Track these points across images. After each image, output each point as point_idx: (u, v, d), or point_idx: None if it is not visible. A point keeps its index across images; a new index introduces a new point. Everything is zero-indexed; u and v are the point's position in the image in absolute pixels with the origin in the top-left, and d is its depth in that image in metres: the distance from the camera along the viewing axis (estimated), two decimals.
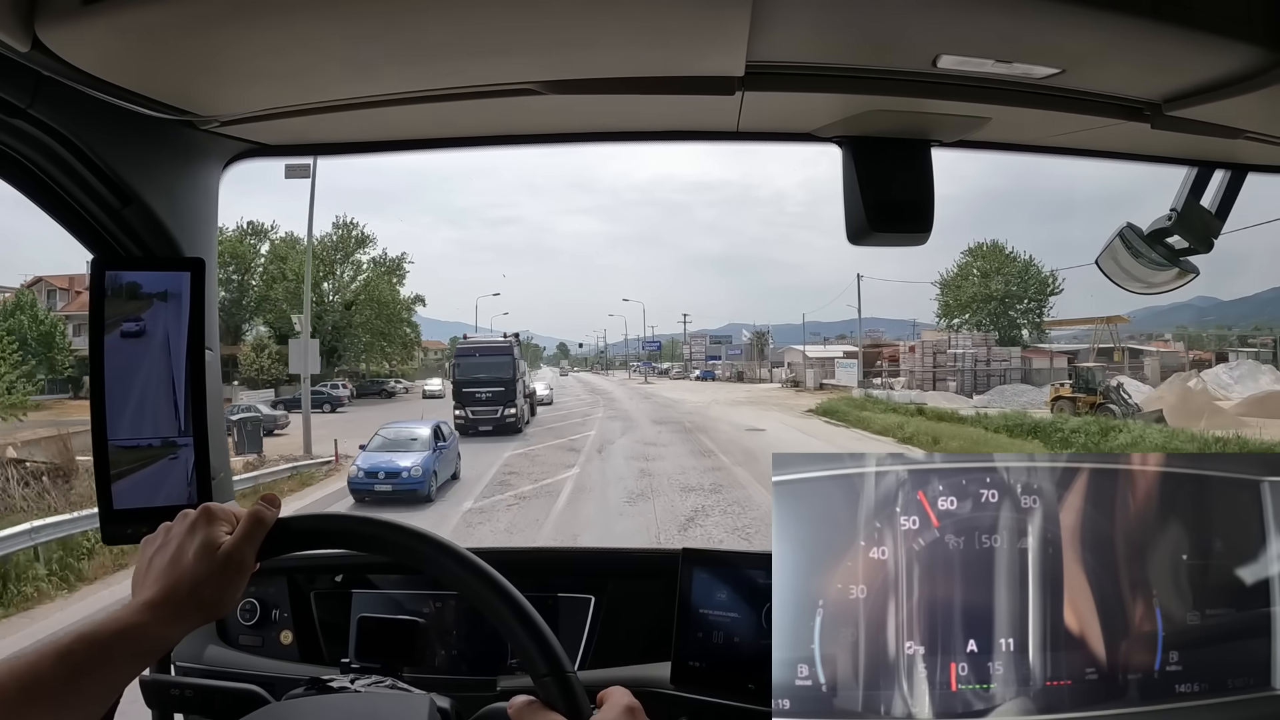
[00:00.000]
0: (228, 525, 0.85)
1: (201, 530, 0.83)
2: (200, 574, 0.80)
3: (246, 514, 0.86)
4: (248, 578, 0.84)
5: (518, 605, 0.84)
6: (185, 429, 1.15)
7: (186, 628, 0.80)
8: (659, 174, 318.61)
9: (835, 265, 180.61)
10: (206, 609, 0.81)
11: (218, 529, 0.84)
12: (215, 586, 0.81)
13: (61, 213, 1.19)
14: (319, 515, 0.90)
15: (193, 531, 0.83)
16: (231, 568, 0.82)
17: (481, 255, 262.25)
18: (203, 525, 0.83)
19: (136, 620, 0.77)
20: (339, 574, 1.61)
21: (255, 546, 0.84)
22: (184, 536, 0.83)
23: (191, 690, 1.24)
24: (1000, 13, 0.86)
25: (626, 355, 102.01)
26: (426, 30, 0.88)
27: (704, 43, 0.93)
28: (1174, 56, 0.96)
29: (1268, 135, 1.20)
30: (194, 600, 0.80)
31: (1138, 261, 1.47)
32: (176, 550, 0.82)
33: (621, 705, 0.80)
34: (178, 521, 0.85)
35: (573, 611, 1.55)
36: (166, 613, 0.78)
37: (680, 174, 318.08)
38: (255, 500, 0.88)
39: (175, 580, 0.80)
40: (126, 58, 0.92)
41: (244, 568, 0.83)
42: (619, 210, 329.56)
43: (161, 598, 0.79)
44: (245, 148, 1.29)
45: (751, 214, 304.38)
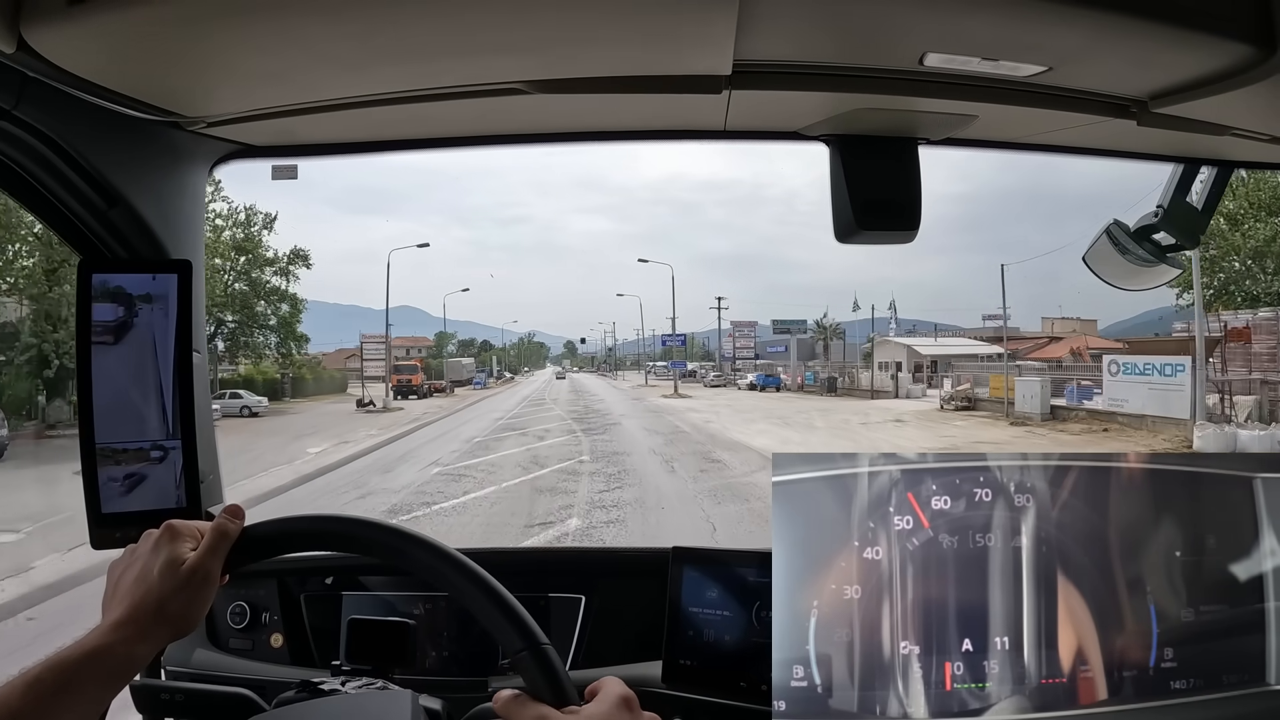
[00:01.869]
0: (192, 541, 0.85)
1: (165, 547, 0.83)
2: (165, 590, 0.80)
3: (210, 527, 0.86)
4: (214, 591, 0.84)
5: (488, 585, 0.83)
6: (174, 431, 1.14)
7: (154, 645, 0.80)
8: (671, 172, 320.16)
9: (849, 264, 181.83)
10: (173, 625, 0.81)
11: (182, 545, 0.83)
12: (181, 602, 0.81)
13: (47, 215, 1.18)
14: (282, 519, 0.90)
15: (157, 549, 0.83)
16: (196, 582, 0.82)
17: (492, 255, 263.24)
18: (166, 542, 0.83)
19: (103, 642, 0.76)
20: (329, 576, 1.61)
21: (220, 559, 0.84)
22: (149, 555, 0.83)
23: (182, 694, 1.23)
24: (986, 11, 0.86)
25: (640, 354, 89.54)
26: (412, 30, 0.88)
27: (691, 42, 0.93)
28: (1160, 54, 0.96)
29: (1253, 132, 1.21)
30: (160, 617, 0.80)
31: (1124, 258, 1.48)
32: (142, 569, 0.82)
33: (616, 695, 0.80)
34: (142, 541, 0.85)
35: (563, 611, 1.55)
36: (132, 631, 0.78)
37: (692, 173, 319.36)
38: None
39: (141, 598, 0.80)
40: (113, 59, 0.91)
41: (209, 581, 0.83)
42: (630, 209, 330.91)
43: (127, 616, 0.79)
44: (232, 148, 1.29)
45: (763, 213, 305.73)
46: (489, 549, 1.60)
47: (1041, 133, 1.29)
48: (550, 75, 1.01)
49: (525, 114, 1.20)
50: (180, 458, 1.14)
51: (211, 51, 0.92)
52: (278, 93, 1.06)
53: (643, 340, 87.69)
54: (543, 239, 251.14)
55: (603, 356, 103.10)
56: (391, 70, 1.00)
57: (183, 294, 1.13)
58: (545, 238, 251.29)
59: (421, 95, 1.07)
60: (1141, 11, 0.85)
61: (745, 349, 62.01)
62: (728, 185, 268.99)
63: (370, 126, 1.24)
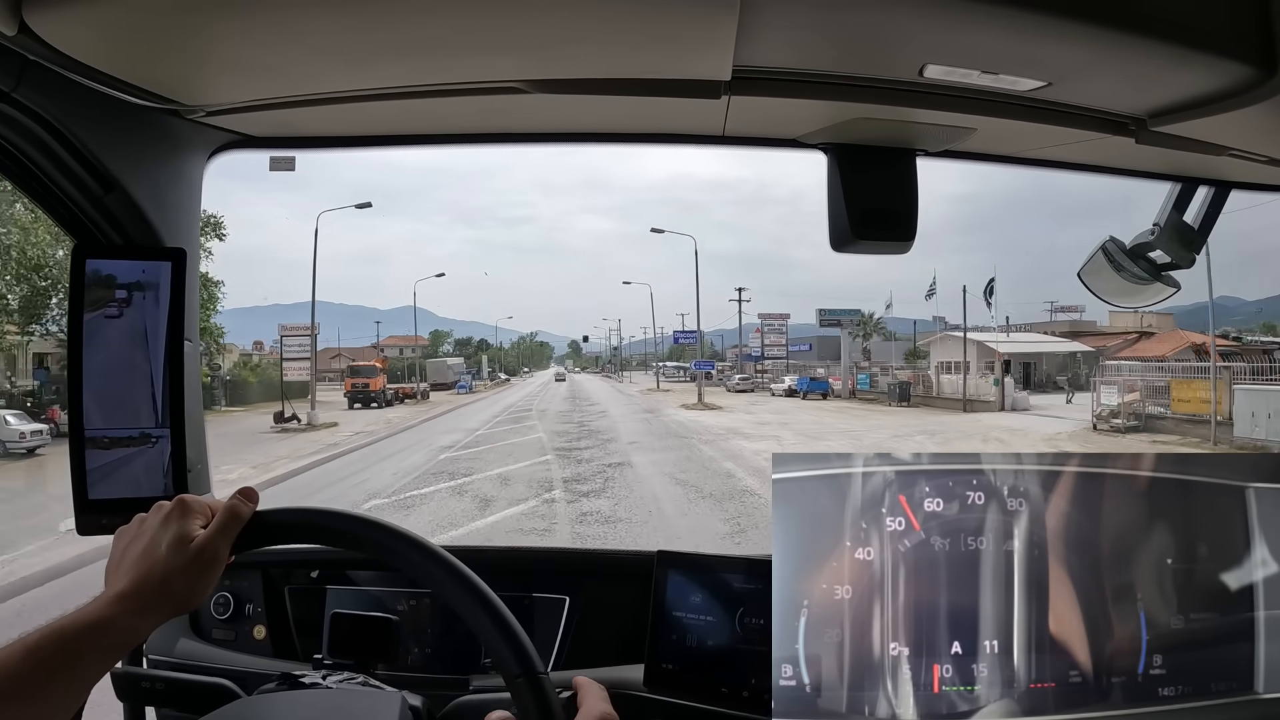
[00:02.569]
0: (203, 518, 0.84)
1: (175, 522, 0.82)
2: (172, 566, 0.79)
3: (222, 507, 0.85)
4: (220, 571, 0.83)
5: (493, 607, 0.83)
6: (163, 420, 1.14)
7: (156, 620, 0.79)
8: (676, 173, 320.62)
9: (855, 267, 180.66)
10: (177, 602, 0.80)
11: (192, 521, 0.83)
12: (186, 579, 0.80)
13: (43, 198, 1.18)
14: (297, 509, 0.89)
15: (167, 523, 0.82)
16: (204, 561, 0.81)
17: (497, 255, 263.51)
18: (177, 517, 0.82)
19: (105, 614, 0.76)
20: (314, 569, 1.60)
21: (230, 540, 0.83)
22: (158, 528, 0.82)
23: (163, 684, 1.23)
24: (987, 25, 0.86)
25: (647, 354, 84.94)
26: (414, 26, 0.88)
27: (691, 47, 0.93)
28: (1160, 72, 0.96)
29: (1251, 153, 1.22)
30: (164, 593, 0.79)
31: (1120, 275, 1.48)
32: (149, 542, 0.81)
33: (595, 715, 0.81)
34: (152, 513, 0.84)
35: (547, 612, 1.55)
36: (135, 605, 0.77)
37: (697, 172, 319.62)
38: None
39: (146, 572, 0.79)
40: (114, 44, 0.91)
41: (217, 561, 0.82)
42: (635, 209, 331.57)
43: (131, 590, 0.78)
44: (230, 138, 1.29)
45: (769, 213, 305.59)
46: (473, 547, 1.60)
47: (1040, 147, 1.29)
48: (549, 75, 1.01)
49: (523, 113, 1.20)
50: (169, 447, 1.14)
51: (212, 41, 0.92)
52: (277, 84, 1.06)
53: (653, 339, 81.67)
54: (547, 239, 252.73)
55: (607, 356, 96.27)
56: (391, 65, 1.00)
57: (176, 282, 1.13)
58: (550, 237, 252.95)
59: (420, 91, 1.07)
60: (1142, 29, 0.85)
61: (776, 347, 51.21)
62: (734, 185, 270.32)
63: (370, 121, 1.24)
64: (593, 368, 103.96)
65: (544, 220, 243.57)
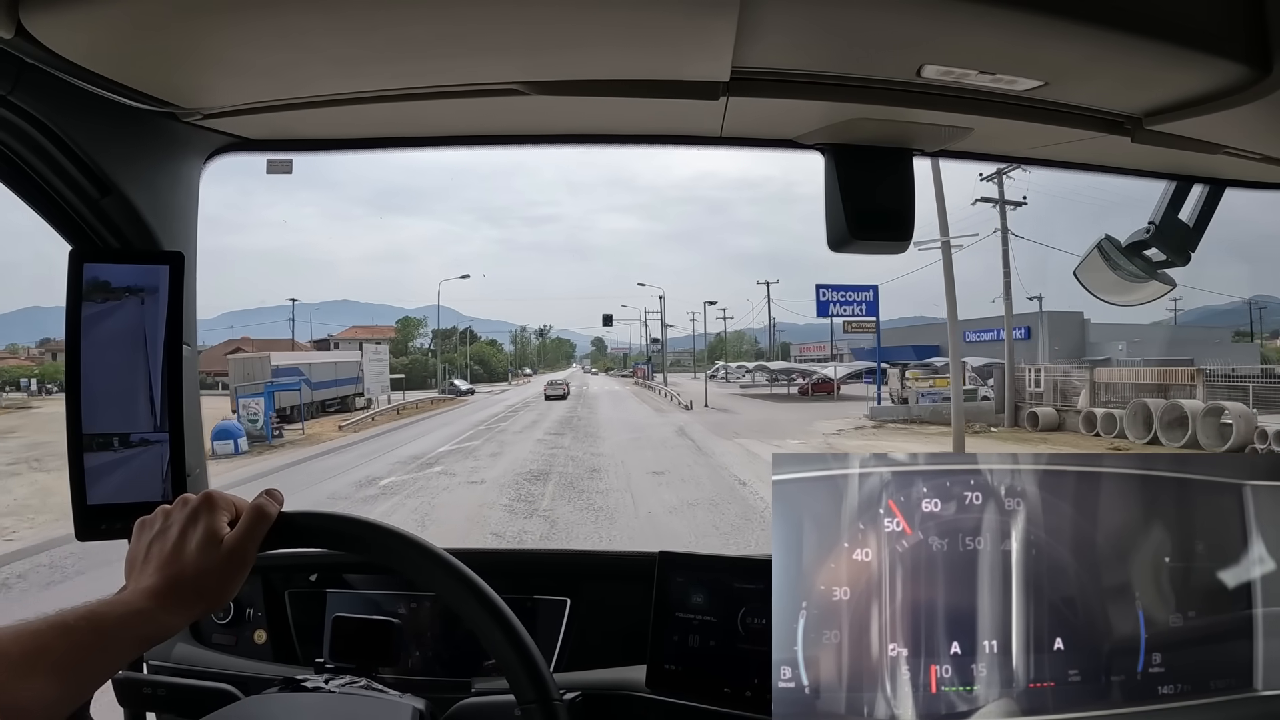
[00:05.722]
0: (228, 514, 0.84)
1: (204, 519, 0.82)
2: (203, 566, 0.79)
3: (250, 506, 0.84)
4: (248, 572, 0.83)
5: (514, 632, 0.84)
6: (161, 424, 1.13)
7: (189, 617, 0.80)
8: (701, 171, 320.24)
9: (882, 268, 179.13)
10: (209, 600, 0.81)
11: (220, 519, 0.82)
12: (218, 579, 0.80)
13: (39, 202, 1.17)
14: (324, 514, 0.89)
15: (194, 520, 0.81)
16: (235, 561, 0.81)
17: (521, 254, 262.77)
18: (205, 514, 0.82)
19: (142, 606, 0.76)
20: (314, 573, 1.60)
21: (258, 540, 0.83)
22: (185, 524, 0.81)
23: (165, 689, 1.22)
24: (984, 25, 0.87)
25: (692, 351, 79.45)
26: (411, 28, 0.88)
27: (690, 48, 0.93)
28: (1156, 72, 0.97)
29: (1246, 151, 1.22)
30: (196, 592, 0.79)
31: (1115, 273, 1.48)
32: (178, 539, 0.81)
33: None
34: (177, 508, 0.83)
35: (549, 614, 1.55)
36: (170, 603, 0.78)
37: (722, 170, 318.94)
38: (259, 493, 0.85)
39: (178, 572, 0.79)
40: (110, 47, 0.91)
41: (246, 561, 0.82)
42: (660, 208, 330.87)
43: (165, 588, 0.78)
44: (227, 141, 1.28)
45: (795, 211, 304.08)
46: (476, 549, 1.59)
47: (1036, 146, 1.30)
48: (547, 77, 1.01)
49: (521, 115, 1.20)
50: (167, 451, 1.13)
51: (210, 44, 0.92)
52: (275, 87, 1.06)
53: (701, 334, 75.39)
54: (572, 238, 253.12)
55: (640, 354, 78.15)
56: (388, 68, 1.00)
57: (174, 286, 1.13)
58: (574, 236, 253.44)
59: (418, 93, 1.06)
60: (1138, 29, 0.85)
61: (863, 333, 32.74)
62: (760, 183, 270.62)
63: (367, 123, 1.24)
64: (618, 367, 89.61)
65: (569, 219, 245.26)
